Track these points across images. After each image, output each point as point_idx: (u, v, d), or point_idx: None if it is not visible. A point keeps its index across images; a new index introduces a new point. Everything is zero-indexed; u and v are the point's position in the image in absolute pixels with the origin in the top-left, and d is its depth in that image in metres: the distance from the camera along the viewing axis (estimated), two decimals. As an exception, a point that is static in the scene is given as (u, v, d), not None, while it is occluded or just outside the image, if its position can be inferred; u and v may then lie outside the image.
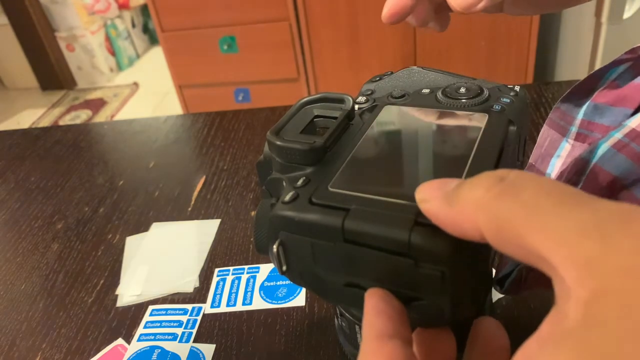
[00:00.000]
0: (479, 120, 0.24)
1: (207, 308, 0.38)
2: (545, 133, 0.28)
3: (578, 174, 0.24)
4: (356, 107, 0.26)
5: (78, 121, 2.29)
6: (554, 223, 0.13)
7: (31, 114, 2.41)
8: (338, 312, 0.29)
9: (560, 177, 0.25)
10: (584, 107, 0.26)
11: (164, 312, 0.38)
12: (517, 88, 0.26)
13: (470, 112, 0.24)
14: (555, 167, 0.27)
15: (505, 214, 0.14)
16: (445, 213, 0.16)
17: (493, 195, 0.14)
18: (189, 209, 0.49)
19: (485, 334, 0.20)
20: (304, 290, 0.39)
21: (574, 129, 0.27)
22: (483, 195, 0.15)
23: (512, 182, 0.14)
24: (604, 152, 0.23)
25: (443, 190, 0.16)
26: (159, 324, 0.38)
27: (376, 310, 0.18)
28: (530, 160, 0.28)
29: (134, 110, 2.32)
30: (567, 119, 0.27)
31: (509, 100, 0.25)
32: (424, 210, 0.17)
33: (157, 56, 2.68)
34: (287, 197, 0.21)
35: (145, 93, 2.47)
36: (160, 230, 0.47)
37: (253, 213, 0.48)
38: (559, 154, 0.27)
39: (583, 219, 0.13)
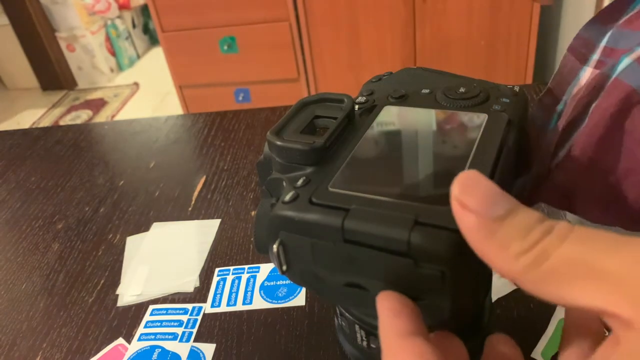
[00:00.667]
0: (478, 120, 0.24)
1: (207, 308, 0.38)
2: (566, 59, 0.27)
3: (597, 89, 0.23)
4: (356, 107, 0.26)
5: (78, 121, 2.29)
6: (598, 271, 0.14)
7: (31, 114, 2.42)
8: (338, 311, 0.29)
9: (577, 93, 0.25)
10: (608, 34, 0.25)
11: (164, 312, 0.39)
12: (516, 88, 0.26)
13: (470, 112, 0.25)
14: (571, 94, 0.26)
15: (548, 271, 0.14)
16: (482, 240, 0.16)
17: (539, 250, 0.15)
18: (189, 208, 0.49)
19: (499, 353, 0.20)
20: (304, 290, 0.39)
21: (595, 57, 0.25)
22: (529, 247, 0.15)
23: (557, 235, 0.15)
24: (626, 66, 0.23)
25: (488, 210, 0.16)
26: (159, 324, 0.38)
27: (394, 312, 0.18)
28: (549, 84, 0.27)
29: (134, 110, 2.32)
30: (589, 46, 0.26)
31: (508, 100, 0.25)
32: (456, 214, 0.16)
33: (157, 56, 2.68)
34: (287, 197, 0.21)
35: (145, 93, 2.47)
36: (160, 230, 0.47)
37: (253, 213, 0.48)
38: (576, 83, 0.26)
39: (625, 258, 0.13)
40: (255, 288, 0.39)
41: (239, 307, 0.38)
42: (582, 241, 0.14)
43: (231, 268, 0.42)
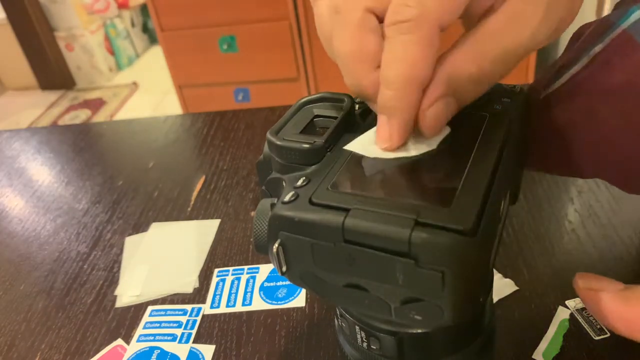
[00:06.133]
0: (479, 120, 0.23)
1: (206, 309, 0.38)
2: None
3: (599, 34, 0.23)
4: (356, 106, 0.26)
5: (77, 121, 2.29)
6: None
7: (30, 114, 2.41)
8: (338, 312, 0.28)
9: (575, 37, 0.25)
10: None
11: (163, 313, 0.38)
12: (518, 87, 0.26)
13: (471, 112, 0.24)
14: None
15: None
16: (620, 308, 0.19)
17: None
18: (189, 209, 0.49)
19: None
20: (304, 290, 0.38)
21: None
22: None
23: None
24: (636, 20, 0.22)
25: (615, 286, 0.20)
26: (158, 325, 0.37)
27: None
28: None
29: (134, 110, 2.32)
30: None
31: (509, 100, 0.25)
32: (590, 300, 0.20)
33: (156, 56, 2.68)
34: (287, 197, 0.20)
35: (144, 93, 2.47)
36: (159, 231, 0.47)
37: (253, 213, 0.47)
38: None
39: None
40: (254, 289, 0.39)
41: (239, 308, 0.38)
42: None
43: (230, 269, 0.42)
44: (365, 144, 0.23)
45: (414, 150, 0.22)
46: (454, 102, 0.21)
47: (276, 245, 0.21)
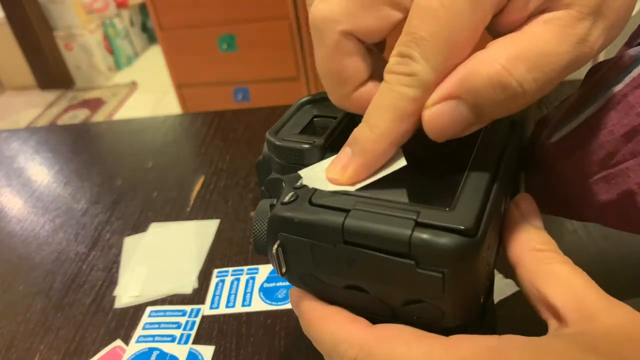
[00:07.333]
0: None
1: (205, 309, 0.38)
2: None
3: (619, 72, 0.21)
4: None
5: (76, 121, 2.28)
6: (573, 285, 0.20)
7: (29, 114, 2.41)
8: (338, 313, 0.28)
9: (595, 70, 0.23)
10: None
11: (162, 314, 0.38)
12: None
13: None
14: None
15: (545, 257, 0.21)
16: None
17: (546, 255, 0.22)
18: (188, 209, 0.49)
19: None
20: (303, 291, 0.38)
21: None
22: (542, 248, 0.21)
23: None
24: None
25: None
26: (157, 326, 0.37)
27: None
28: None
29: (133, 109, 2.32)
30: None
31: None
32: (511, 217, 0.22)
33: (156, 55, 2.68)
34: (287, 198, 0.20)
35: (144, 92, 2.46)
36: (158, 231, 0.47)
37: (252, 213, 0.47)
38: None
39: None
40: (254, 289, 0.39)
41: (238, 308, 0.38)
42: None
43: (230, 269, 0.41)
44: (316, 171, 0.22)
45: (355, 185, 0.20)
46: (468, 111, 0.18)
47: (275, 246, 0.21)
